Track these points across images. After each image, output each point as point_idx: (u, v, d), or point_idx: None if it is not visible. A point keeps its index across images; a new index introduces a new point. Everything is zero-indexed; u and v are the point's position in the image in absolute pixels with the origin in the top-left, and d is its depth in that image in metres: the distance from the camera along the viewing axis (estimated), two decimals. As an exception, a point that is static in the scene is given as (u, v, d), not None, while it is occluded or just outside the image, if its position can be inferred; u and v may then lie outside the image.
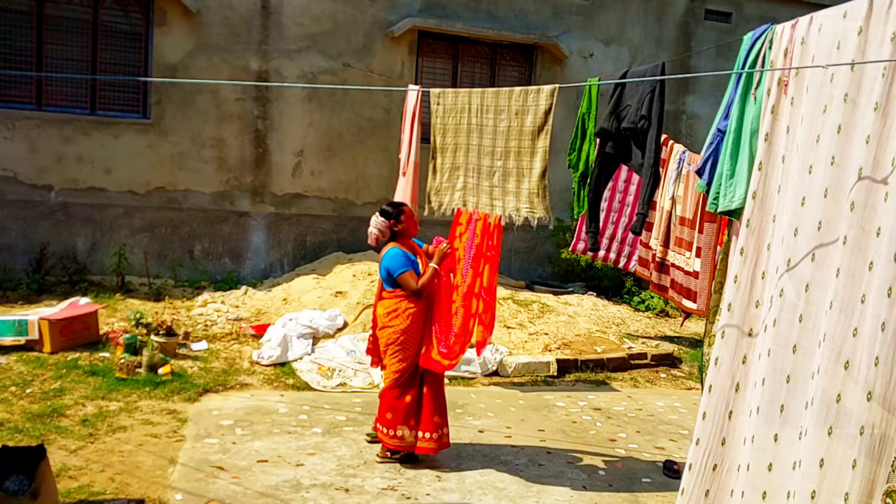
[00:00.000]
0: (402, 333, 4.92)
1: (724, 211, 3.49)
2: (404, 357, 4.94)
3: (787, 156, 3.12)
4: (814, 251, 2.84)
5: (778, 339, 2.99)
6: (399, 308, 4.93)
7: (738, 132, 3.39)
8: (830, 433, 2.59)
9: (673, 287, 6.92)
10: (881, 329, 2.46)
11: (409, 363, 4.95)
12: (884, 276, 2.48)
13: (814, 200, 2.87)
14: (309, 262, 9.38)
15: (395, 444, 4.97)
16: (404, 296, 4.93)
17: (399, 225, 5.01)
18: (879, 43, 2.63)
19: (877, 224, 2.56)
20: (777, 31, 3.23)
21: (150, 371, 6.20)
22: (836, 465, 2.56)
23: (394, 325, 4.93)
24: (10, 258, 8.32)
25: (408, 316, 4.92)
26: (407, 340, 4.93)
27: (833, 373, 2.61)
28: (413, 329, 4.93)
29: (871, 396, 2.47)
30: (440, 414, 5.06)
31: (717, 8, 10.90)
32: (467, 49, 9.98)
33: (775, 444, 2.94)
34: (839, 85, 2.79)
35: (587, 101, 4.78)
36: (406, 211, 5.07)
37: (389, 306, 4.98)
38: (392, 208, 5.07)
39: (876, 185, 2.58)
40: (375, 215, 5.06)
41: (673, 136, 7.68)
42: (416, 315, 4.94)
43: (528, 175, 4.76)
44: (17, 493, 3.41)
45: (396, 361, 4.95)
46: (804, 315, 2.86)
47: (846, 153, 2.73)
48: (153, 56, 8.72)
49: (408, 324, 4.92)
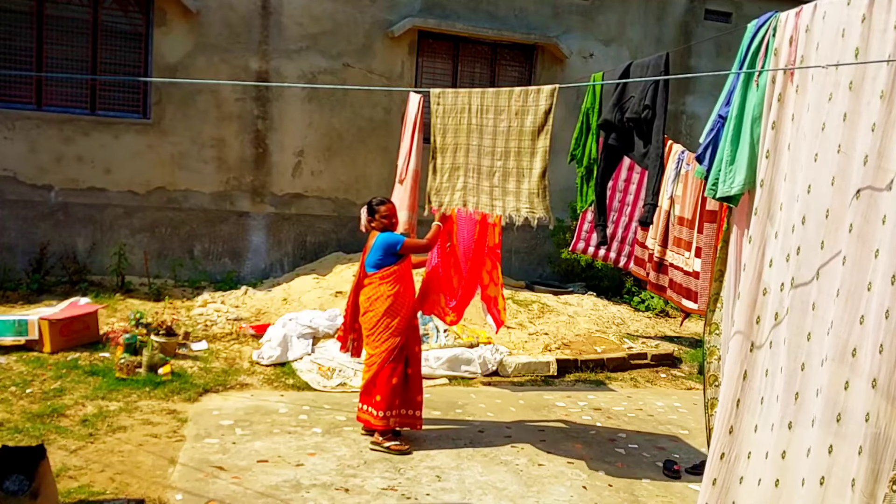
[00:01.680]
0: (385, 315, 5.18)
1: (722, 197, 3.48)
2: (394, 332, 5.19)
3: (792, 143, 3.12)
4: (822, 241, 2.85)
5: (791, 328, 2.99)
6: (379, 291, 5.21)
7: (740, 119, 3.39)
8: (839, 420, 2.62)
9: (671, 287, 6.91)
10: (885, 317, 2.47)
11: (398, 342, 5.19)
12: (888, 265, 2.49)
13: (822, 188, 2.88)
14: (309, 262, 9.39)
15: (383, 425, 5.18)
16: (382, 279, 5.21)
17: (373, 222, 5.32)
18: (882, 30, 2.63)
19: (882, 212, 2.56)
20: (781, 18, 3.23)
21: (150, 371, 6.20)
22: (844, 451, 2.58)
23: (375, 309, 5.19)
24: (10, 258, 8.32)
25: (387, 297, 5.18)
26: (391, 322, 5.18)
27: (840, 361, 2.63)
28: (394, 309, 5.19)
29: (875, 384, 2.49)
30: (421, 394, 5.45)
31: (717, 8, 10.90)
32: (467, 49, 9.98)
33: (790, 432, 2.95)
34: (844, 73, 2.79)
35: (591, 97, 4.77)
36: (382, 211, 5.29)
37: (369, 291, 5.26)
38: (375, 205, 5.34)
39: (881, 173, 2.59)
40: (365, 206, 5.41)
41: (673, 136, 7.68)
42: (397, 295, 5.20)
43: (528, 175, 4.76)
44: (17, 493, 3.41)
45: (385, 339, 5.19)
46: (817, 303, 2.87)
47: (852, 141, 2.73)
48: (153, 56, 8.72)
49: (388, 304, 5.17)
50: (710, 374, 3.83)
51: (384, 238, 5.23)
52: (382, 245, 5.21)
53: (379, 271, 5.23)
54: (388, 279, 5.21)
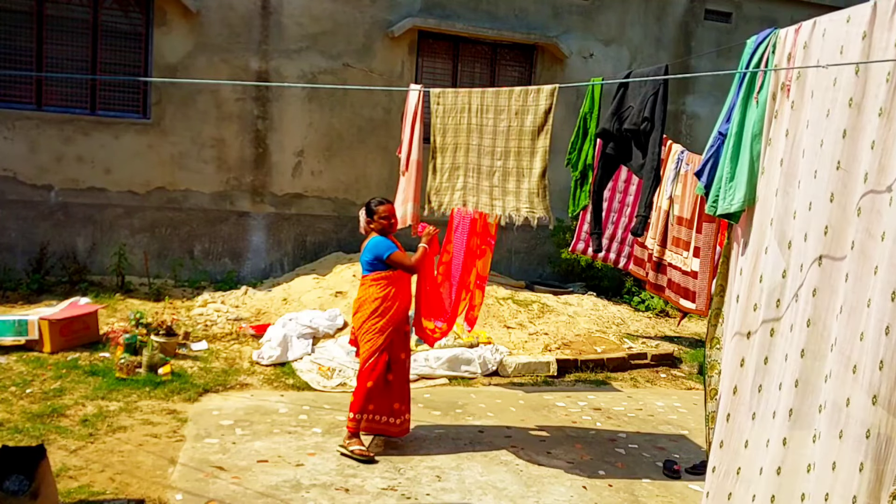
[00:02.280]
0: (370, 316, 5.13)
1: (722, 214, 3.47)
2: (377, 334, 5.11)
3: (784, 159, 3.12)
4: (821, 257, 2.84)
5: (786, 344, 2.99)
6: (368, 293, 5.17)
7: (739, 135, 3.37)
8: (841, 436, 2.61)
9: (670, 287, 6.91)
10: (885, 333, 2.47)
11: (380, 345, 5.11)
12: (887, 281, 2.48)
13: (819, 205, 2.87)
14: (309, 262, 9.39)
15: (353, 427, 5.09)
16: (374, 281, 5.16)
17: (372, 223, 5.22)
18: (884, 49, 2.62)
19: (882, 228, 2.56)
20: (780, 35, 3.22)
21: (150, 371, 6.20)
22: (846, 468, 2.58)
23: (363, 310, 5.17)
24: (10, 258, 8.32)
25: (374, 300, 5.13)
26: (375, 325, 5.12)
27: (842, 377, 2.62)
28: (380, 312, 5.13)
29: (876, 400, 2.48)
30: (403, 403, 5.32)
31: (717, 8, 10.90)
32: (467, 49, 9.98)
33: (784, 448, 2.94)
34: (843, 89, 2.79)
35: (589, 101, 4.77)
36: (381, 211, 5.19)
37: (360, 292, 5.25)
38: (374, 205, 5.23)
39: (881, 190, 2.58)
40: (364, 207, 5.30)
41: (673, 136, 7.68)
42: (385, 298, 5.14)
43: (528, 175, 4.76)
44: (17, 493, 3.41)
45: (367, 341, 5.14)
46: (812, 319, 2.86)
47: (852, 158, 2.73)
48: (153, 56, 8.72)
49: (374, 307, 5.12)
50: (710, 388, 3.84)
51: (375, 243, 5.16)
52: (373, 249, 5.15)
53: (370, 274, 5.19)
54: (378, 283, 5.16)
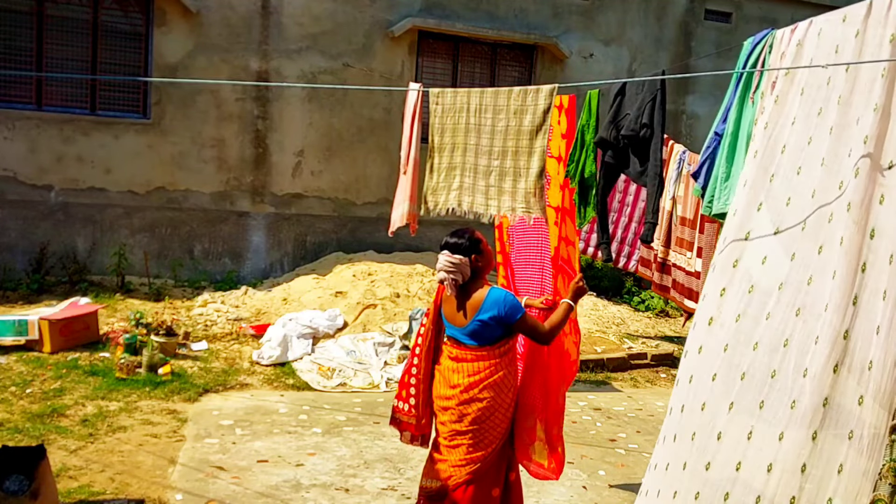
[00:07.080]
0: (497, 409, 3.59)
1: (717, 214, 3.47)
2: (493, 439, 3.61)
3: (759, 151, 3.10)
4: (795, 251, 2.81)
5: (738, 336, 2.96)
6: (497, 374, 3.57)
7: (735, 136, 3.37)
8: (815, 437, 2.50)
9: (674, 287, 6.92)
10: (876, 332, 2.44)
11: (496, 446, 3.63)
12: (878, 279, 2.45)
13: (799, 201, 2.85)
14: (309, 262, 9.39)
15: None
16: (500, 356, 3.59)
17: (481, 259, 3.64)
18: (878, 45, 2.62)
19: (871, 226, 2.54)
20: (777, 35, 3.22)
21: (150, 371, 6.20)
22: (820, 470, 2.47)
23: (486, 398, 3.55)
24: (10, 258, 8.32)
25: (508, 386, 3.63)
26: (498, 418, 3.61)
27: (822, 375, 2.54)
28: (508, 401, 3.65)
29: (861, 401, 2.41)
30: None
31: (717, 8, 10.90)
32: (467, 49, 9.98)
33: (718, 443, 2.88)
34: (836, 88, 2.78)
35: (587, 113, 4.77)
36: (482, 238, 3.70)
37: (482, 371, 3.56)
38: (463, 239, 3.61)
39: (871, 187, 2.57)
40: (444, 254, 3.60)
41: (673, 136, 7.68)
42: (514, 382, 3.69)
43: (525, 175, 4.75)
44: (17, 493, 3.42)
45: (480, 444, 3.58)
46: (772, 313, 2.82)
47: (839, 155, 2.72)
48: (153, 56, 8.72)
49: (505, 395, 3.61)
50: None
51: (499, 303, 3.51)
52: (504, 312, 3.50)
53: (493, 347, 3.57)
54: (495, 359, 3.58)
